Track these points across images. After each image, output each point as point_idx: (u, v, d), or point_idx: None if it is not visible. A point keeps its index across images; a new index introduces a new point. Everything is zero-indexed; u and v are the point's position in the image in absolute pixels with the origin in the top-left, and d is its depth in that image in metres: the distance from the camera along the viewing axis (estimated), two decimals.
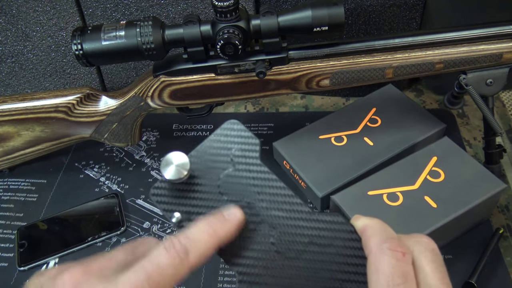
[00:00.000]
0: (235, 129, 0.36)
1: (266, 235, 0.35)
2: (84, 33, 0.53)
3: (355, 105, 0.71)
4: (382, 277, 0.30)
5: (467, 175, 0.58)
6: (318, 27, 0.52)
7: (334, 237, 0.34)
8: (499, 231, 0.59)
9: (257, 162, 0.36)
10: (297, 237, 0.34)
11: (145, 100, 0.61)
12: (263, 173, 0.35)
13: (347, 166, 0.63)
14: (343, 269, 0.33)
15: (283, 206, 0.35)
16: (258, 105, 0.82)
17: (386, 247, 0.30)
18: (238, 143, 0.36)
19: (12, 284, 0.59)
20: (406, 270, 0.30)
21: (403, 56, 0.56)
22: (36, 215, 0.67)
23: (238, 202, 0.35)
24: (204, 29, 0.53)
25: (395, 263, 0.30)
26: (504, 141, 0.71)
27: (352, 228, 0.34)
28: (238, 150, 0.36)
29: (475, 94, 0.58)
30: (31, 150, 0.66)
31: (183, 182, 0.35)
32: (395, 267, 0.30)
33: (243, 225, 0.34)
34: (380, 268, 0.30)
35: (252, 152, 0.36)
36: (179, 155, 0.34)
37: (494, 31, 0.55)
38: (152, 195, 0.36)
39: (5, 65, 0.76)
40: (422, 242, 0.32)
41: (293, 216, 0.35)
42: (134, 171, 0.72)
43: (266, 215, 0.35)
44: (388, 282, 0.29)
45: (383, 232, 0.32)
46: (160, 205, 0.36)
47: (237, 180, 0.36)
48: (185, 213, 0.36)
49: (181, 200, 0.36)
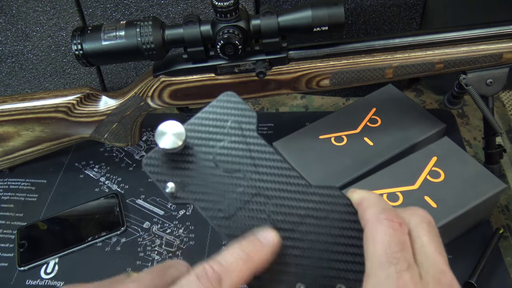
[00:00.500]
0: (232, 101, 0.36)
1: (262, 207, 0.34)
2: (84, 33, 0.53)
3: (355, 105, 0.71)
4: (379, 246, 0.30)
5: (467, 175, 0.58)
6: (318, 27, 0.52)
7: (331, 210, 0.34)
8: (499, 231, 0.59)
9: (254, 135, 0.35)
10: (293, 209, 0.34)
11: (145, 100, 0.61)
12: (259, 146, 0.35)
13: (347, 166, 0.63)
14: (339, 241, 0.33)
15: (280, 179, 0.34)
16: (258, 105, 0.82)
17: (383, 218, 0.31)
18: (234, 115, 0.36)
19: (12, 284, 0.59)
20: (403, 239, 0.30)
21: (403, 56, 0.56)
22: (36, 215, 0.67)
23: (234, 173, 0.35)
24: (204, 29, 0.53)
25: (392, 233, 0.30)
26: (504, 141, 0.72)
27: (349, 201, 0.34)
28: (234, 122, 0.36)
29: (475, 94, 0.58)
30: (31, 150, 0.66)
31: (178, 153, 0.35)
32: (392, 236, 0.30)
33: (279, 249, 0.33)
34: (377, 238, 0.30)
35: (249, 124, 0.35)
36: (175, 124, 0.34)
37: (494, 31, 0.55)
38: (145, 165, 0.35)
39: (5, 65, 0.76)
40: (418, 215, 0.32)
41: (289, 188, 0.34)
42: (134, 171, 0.72)
43: (261, 187, 0.34)
44: (386, 250, 0.29)
45: (379, 204, 0.32)
46: (153, 175, 0.35)
47: (232, 152, 0.35)
48: (179, 184, 0.35)
49: (175, 171, 0.35)
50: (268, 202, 0.34)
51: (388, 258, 0.29)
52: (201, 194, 0.35)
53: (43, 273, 0.60)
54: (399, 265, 0.29)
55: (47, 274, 0.60)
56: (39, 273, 0.60)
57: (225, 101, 0.36)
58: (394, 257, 0.29)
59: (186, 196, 0.35)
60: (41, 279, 0.59)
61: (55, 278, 0.59)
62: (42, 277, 0.59)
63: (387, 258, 0.29)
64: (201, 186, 0.35)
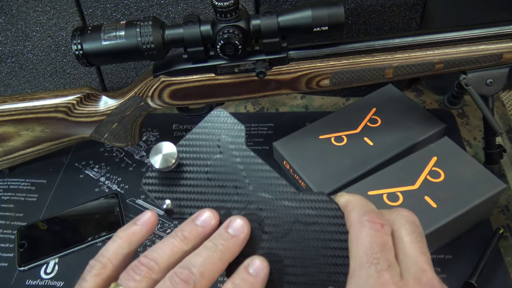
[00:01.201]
0: (221, 116, 0.38)
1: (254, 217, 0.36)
2: (84, 33, 0.53)
3: (355, 105, 0.71)
4: (361, 248, 0.31)
5: (467, 175, 0.58)
6: (318, 27, 0.52)
7: (319, 215, 0.35)
8: (499, 231, 0.59)
9: (243, 148, 0.37)
10: (283, 217, 0.35)
11: (145, 100, 0.61)
12: (249, 158, 0.37)
13: (347, 166, 0.63)
14: (328, 245, 0.34)
15: (269, 188, 0.36)
16: (258, 105, 0.82)
17: (365, 220, 0.32)
18: (224, 129, 0.38)
19: (12, 284, 0.59)
20: (384, 239, 0.31)
21: (403, 56, 0.56)
22: (36, 215, 0.67)
23: (225, 188, 0.37)
24: (204, 29, 0.53)
25: (373, 234, 0.31)
26: (504, 141, 0.72)
27: (336, 206, 0.35)
28: (225, 136, 0.38)
29: (475, 94, 0.58)
30: (31, 150, 0.66)
31: (172, 170, 0.37)
32: (373, 237, 0.31)
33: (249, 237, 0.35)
34: (359, 239, 0.31)
35: (238, 138, 0.37)
36: (167, 145, 0.36)
37: (494, 31, 0.55)
38: (143, 185, 0.37)
39: (5, 65, 0.76)
40: (402, 215, 0.33)
41: (279, 197, 0.36)
42: (134, 171, 0.72)
43: (253, 198, 0.36)
44: (367, 251, 0.30)
45: (363, 207, 0.33)
46: (151, 194, 0.37)
47: (224, 165, 0.37)
48: (175, 200, 0.37)
49: (171, 188, 0.37)
50: (261, 210, 0.36)
51: (368, 259, 0.30)
52: (196, 209, 0.37)
53: (43, 273, 0.60)
54: (379, 265, 0.30)
55: (47, 274, 0.60)
56: (39, 273, 0.60)
57: (215, 116, 0.38)
58: (374, 257, 0.30)
59: (182, 211, 0.37)
60: (41, 279, 0.59)
61: (55, 278, 0.59)
62: (42, 277, 0.59)
63: (368, 259, 0.30)
64: (196, 200, 0.37)
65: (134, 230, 0.35)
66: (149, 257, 0.33)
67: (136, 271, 0.32)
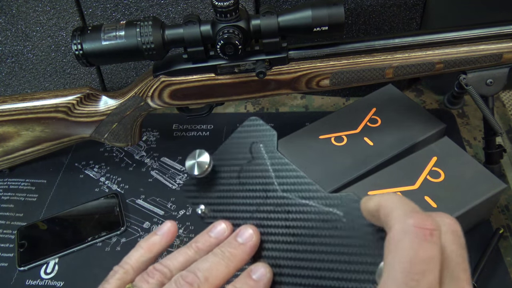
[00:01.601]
0: (254, 125, 0.40)
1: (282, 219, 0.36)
2: (84, 33, 0.53)
3: (355, 105, 0.71)
4: (398, 262, 0.24)
5: (467, 175, 0.58)
6: (318, 27, 0.52)
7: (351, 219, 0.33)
8: (499, 231, 0.59)
9: (274, 151, 0.38)
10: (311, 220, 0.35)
11: (145, 100, 0.61)
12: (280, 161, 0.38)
13: (347, 166, 0.63)
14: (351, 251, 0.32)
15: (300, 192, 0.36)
16: (258, 105, 0.82)
17: (410, 223, 0.25)
18: (257, 136, 0.39)
19: (12, 284, 0.59)
20: (431, 254, 0.24)
21: (403, 56, 0.56)
22: (36, 215, 0.67)
23: (255, 192, 0.38)
24: (204, 29, 0.53)
25: (418, 244, 0.24)
26: (504, 141, 0.72)
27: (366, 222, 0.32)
28: (257, 142, 0.39)
29: (475, 94, 0.58)
30: (31, 150, 0.66)
31: (207, 177, 0.39)
32: (417, 250, 0.24)
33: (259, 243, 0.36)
34: (399, 249, 0.25)
35: (270, 142, 0.39)
36: (201, 152, 0.39)
37: (494, 31, 0.55)
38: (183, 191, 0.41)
39: (5, 65, 0.76)
40: (445, 223, 0.27)
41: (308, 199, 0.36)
42: (134, 171, 0.72)
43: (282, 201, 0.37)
44: (405, 268, 0.24)
45: (404, 205, 0.27)
46: (188, 200, 0.40)
47: (255, 170, 0.38)
48: (209, 205, 0.40)
49: (206, 193, 0.40)
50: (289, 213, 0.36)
51: (405, 279, 0.24)
52: (228, 213, 0.38)
53: (43, 273, 0.60)
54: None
55: (47, 274, 0.60)
56: (39, 273, 0.60)
57: (248, 125, 0.40)
58: (412, 278, 0.24)
59: (214, 215, 0.39)
60: (41, 279, 0.59)
61: (55, 278, 0.59)
62: (42, 277, 0.59)
63: (404, 279, 0.24)
64: (229, 205, 0.39)
65: (154, 241, 0.38)
66: (163, 264, 0.36)
67: (150, 275, 0.35)
